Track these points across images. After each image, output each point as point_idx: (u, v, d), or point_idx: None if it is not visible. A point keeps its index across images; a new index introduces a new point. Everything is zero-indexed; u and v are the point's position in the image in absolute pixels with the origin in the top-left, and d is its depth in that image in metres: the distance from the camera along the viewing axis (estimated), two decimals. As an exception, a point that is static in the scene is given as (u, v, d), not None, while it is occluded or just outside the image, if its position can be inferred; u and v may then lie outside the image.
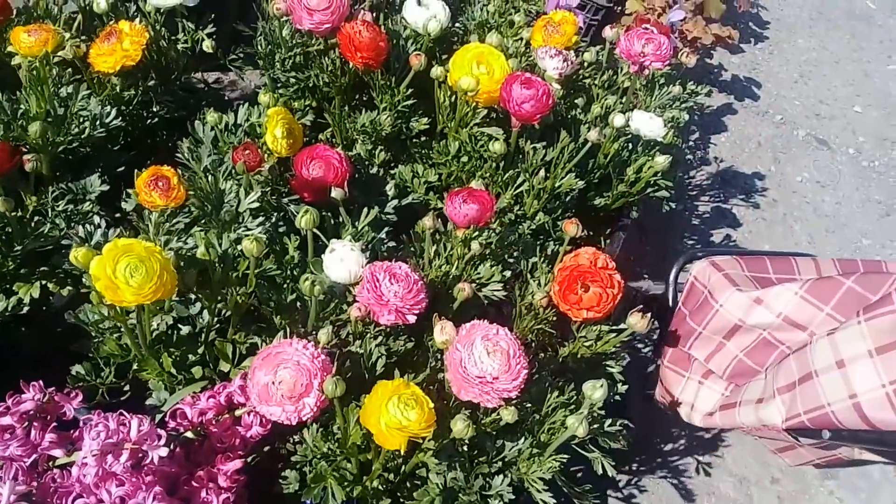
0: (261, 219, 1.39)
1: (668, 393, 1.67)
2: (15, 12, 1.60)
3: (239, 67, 1.86)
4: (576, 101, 1.90)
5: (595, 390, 1.22)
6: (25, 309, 1.41)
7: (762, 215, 2.63)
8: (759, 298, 1.45)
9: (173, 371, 1.35)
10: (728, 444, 1.97)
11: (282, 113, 1.51)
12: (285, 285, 1.37)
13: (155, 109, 1.76)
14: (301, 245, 1.41)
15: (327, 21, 1.61)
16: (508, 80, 1.62)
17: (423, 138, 1.82)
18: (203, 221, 1.36)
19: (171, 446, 1.26)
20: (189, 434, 1.27)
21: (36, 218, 1.44)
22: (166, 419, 1.29)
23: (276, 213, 1.47)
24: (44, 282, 1.42)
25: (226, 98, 2.13)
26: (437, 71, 1.64)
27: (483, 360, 1.16)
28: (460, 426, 1.15)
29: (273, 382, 1.15)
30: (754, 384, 1.46)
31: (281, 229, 1.45)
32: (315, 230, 1.37)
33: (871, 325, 1.23)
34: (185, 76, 1.87)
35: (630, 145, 1.88)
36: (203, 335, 1.39)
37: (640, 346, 2.13)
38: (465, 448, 1.26)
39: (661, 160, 1.77)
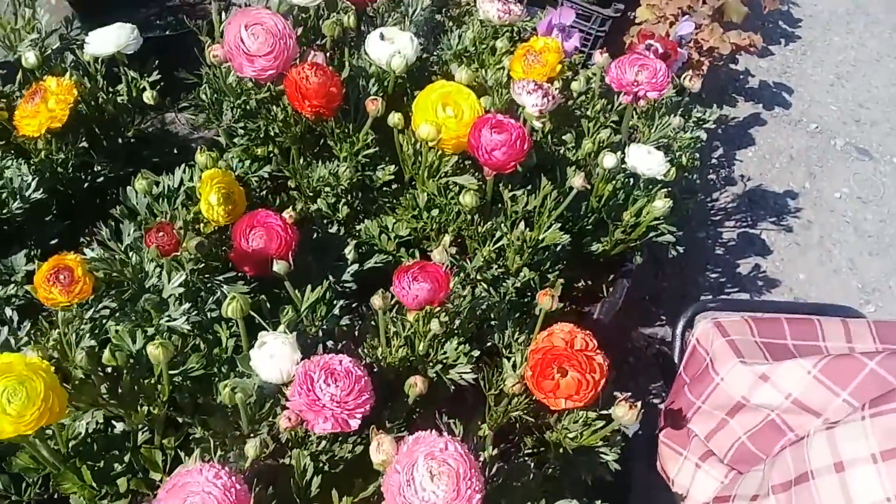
0: (186, 306, 1.21)
1: (664, 471, 1.45)
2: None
3: (193, 115, 1.69)
4: (564, 137, 1.68)
5: (565, 513, 1.01)
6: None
7: (795, 239, 2.38)
8: (765, 374, 1.23)
9: (95, 485, 1.18)
10: None
11: (217, 176, 1.33)
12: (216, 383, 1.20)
13: (97, 169, 1.61)
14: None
15: (270, 67, 1.43)
16: (477, 125, 1.41)
17: (394, 186, 1.64)
18: (119, 313, 1.19)
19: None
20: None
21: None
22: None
23: (210, 296, 1.29)
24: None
25: (192, 146, 1.96)
26: (393, 118, 1.44)
27: (426, 486, 0.97)
28: (399, 568, 0.96)
29: (179, 519, 0.98)
30: (751, 476, 1.24)
31: (215, 314, 1.27)
32: (253, 313, 1.21)
33: (876, 422, 1.01)
34: (137, 128, 1.71)
35: (630, 183, 1.67)
36: (130, 440, 1.22)
37: (655, 400, 1.91)
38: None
39: (660, 205, 1.55)
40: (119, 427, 1.25)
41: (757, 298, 1.91)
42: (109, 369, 1.18)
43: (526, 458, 1.36)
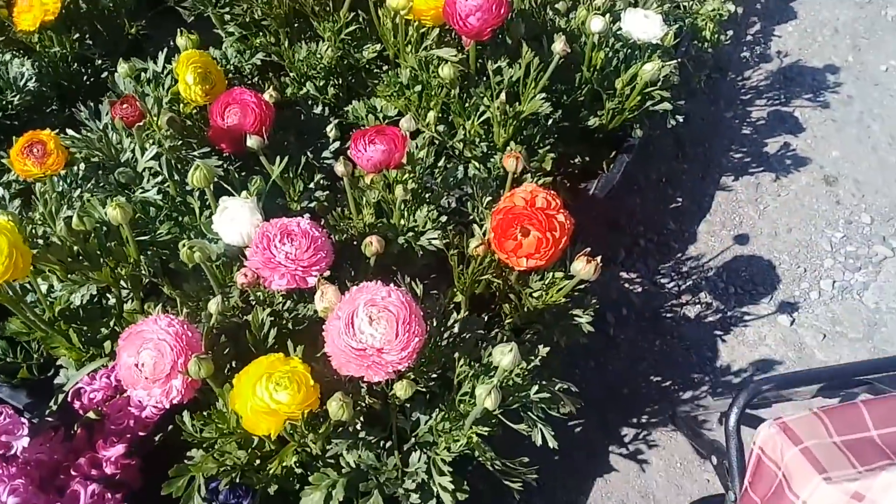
0: (159, 178, 1.26)
1: None
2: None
3: (186, 8, 1.72)
4: (556, 5, 1.63)
5: (503, 356, 1.02)
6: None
7: (832, 116, 2.25)
8: (858, 493, 1.01)
9: (82, 347, 1.27)
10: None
11: (194, 57, 1.37)
12: (188, 250, 1.25)
13: (98, 63, 1.66)
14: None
15: (245, -54, 1.44)
16: (451, -9, 1.39)
17: (384, 68, 1.63)
18: (92, 185, 1.25)
19: (76, 429, 1.21)
20: (91, 415, 1.21)
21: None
22: (69, 399, 1.23)
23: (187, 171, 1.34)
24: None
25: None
26: (366, -10, 1.43)
27: (364, 330, 1.01)
28: (334, 407, 1.00)
29: (137, 364, 1.05)
30: None
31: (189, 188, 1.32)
32: (225, 184, 1.25)
33: None
34: (137, 23, 1.76)
35: (629, 53, 1.61)
36: (116, 307, 1.30)
37: (663, 280, 1.88)
38: (359, 426, 1.12)
39: (650, 68, 1.49)
40: (112, 301, 1.33)
41: (814, 368, 1.56)
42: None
43: (504, 327, 1.38)
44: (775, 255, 1.92)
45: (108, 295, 1.34)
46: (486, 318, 1.37)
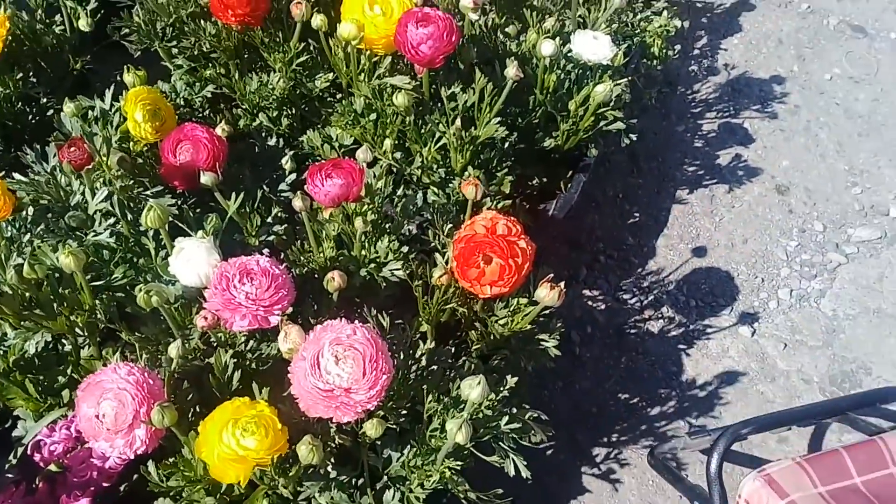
0: (111, 220, 1.23)
1: None
2: None
3: (132, 42, 1.69)
4: (507, 29, 1.64)
5: (472, 389, 1.02)
6: None
7: (780, 126, 2.29)
8: None
9: (39, 397, 1.23)
10: (726, 402, 1.73)
11: (142, 94, 1.34)
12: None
13: (43, 102, 1.62)
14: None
15: (190, -20, 1.42)
16: (402, 20, 1.38)
17: (338, 96, 1.62)
18: (42, 230, 1.21)
19: (37, 483, 1.17)
20: (53, 467, 1.17)
21: None
22: (28, 452, 1.19)
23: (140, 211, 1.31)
24: None
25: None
26: (316, 20, 1.42)
27: (331, 370, 0.99)
28: (304, 451, 0.98)
29: (97, 416, 1.01)
30: None
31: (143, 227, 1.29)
32: (180, 223, 1.23)
33: None
34: (83, 59, 1.72)
35: (581, 74, 1.62)
36: (73, 354, 1.27)
37: (625, 296, 1.90)
38: (329, 467, 1.10)
39: (602, 89, 1.50)
40: (68, 346, 1.29)
41: (787, 408, 1.50)
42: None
43: (472, 354, 1.37)
44: (733, 267, 1.95)
45: (63, 341, 1.30)
46: (452, 346, 1.37)
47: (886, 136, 2.28)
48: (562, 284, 1.18)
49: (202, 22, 1.53)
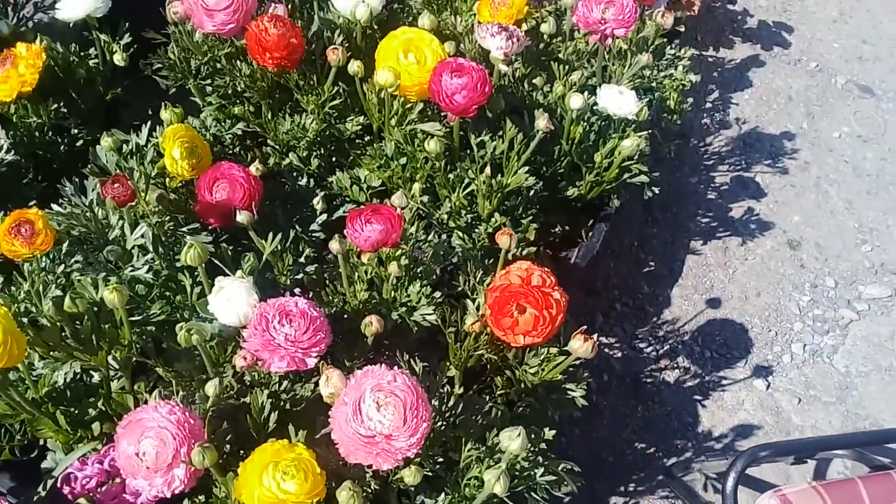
0: (149, 256, 1.24)
1: None
2: None
3: (164, 77, 1.71)
4: (535, 80, 1.67)
5: (511, 441, 1.03)
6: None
7: (791, 181, 2.34)
8: None
9: (69, 429, 1.23)
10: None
11: (180, 131, 1.35)
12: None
13: (75, 132, 1.64)
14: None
15: (231, 21, 1.44)
16: (437, 70, 1.42)
17: (366, 139, 1.64)
18: (81, 265, 1.22)
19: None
20: (83, 501, 1.16)
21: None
22: (58, 485, 1.18)
23: (176, 248, 1.32)
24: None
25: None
26: (353, 67, 1.44)
27: (372, 416, 0.99)
28: (344, 497, 0.98)
29: (137, 454, 1.01)
30: None
31: (179, 264, 1.30)
32: (216, 261, 1.23)
33: None
34: (114, 91, 1.74)
35: (605, 125, 1.65)
36: (104, 388, 1.26)
37: (641, 345, 1.91)
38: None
39: (629, 144, 1.54)
40: (96, 377, 1.29)
41: (811, 437, 1.60)
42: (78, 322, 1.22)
43: (497, 399, 1.38)
44: (747, 319, 1.97)
45: (91, 372, 1.30)
46: (476, 391, 1.38)
47: (895, 196, 2.32)
48: (595, 337, 1.19)
49: (237, 62, 1.56)
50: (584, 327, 1.21)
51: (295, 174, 1.56)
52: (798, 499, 1.14)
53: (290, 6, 1.54)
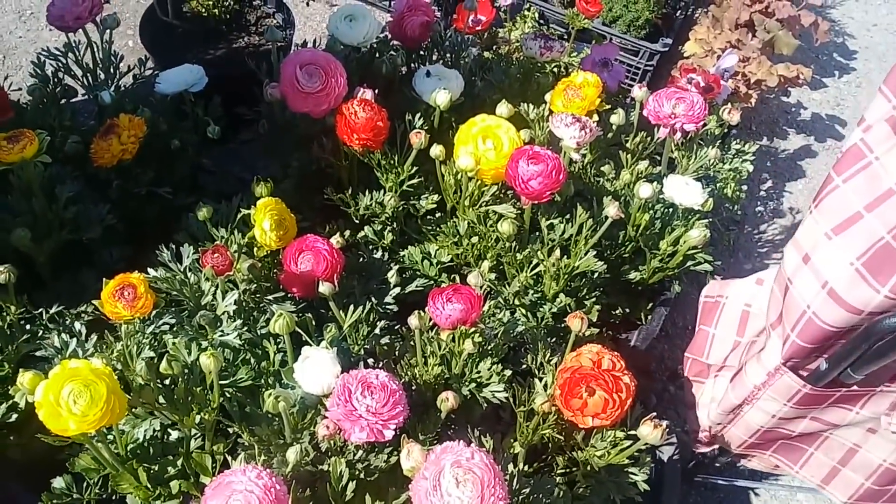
0: (238, 322, 1.31)
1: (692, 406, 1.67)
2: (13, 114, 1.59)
3: (253, 149, 1.81)
4: (603, 168, 1.74)
5: (584, 525, 1.06)
6: (14, 416, 1.38)
7: (845, 272, 2.35)
8: (759, 279, 1.46)
9: (149, 486, 1.28)
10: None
11: (271, 204, 1.44)
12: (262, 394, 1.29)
13: (167, 198, 1.73)
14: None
15: (323, 103, 1.54)
16: (514, 156, 1.49)
17: (437, 215, 1.72)
18: (176, 327, 1.29)
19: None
20: (162, 557, 1.21)
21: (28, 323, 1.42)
22: (137, 541, 1.23)
23: (261, 315, 1.39)
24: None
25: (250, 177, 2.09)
26: (435, 150, 1.53)
27: (451, 492, 1.03)
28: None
29: (223, 515, 1.06)
30: (759, 341, 1.43)
31: (264, 330, 1.37)
32: (299, 329, 1.30)
33: (819, 208, 1.15)
34: (202, 161, 1.84)
35: (668, 213, 1.71)
36: (184, 446, 1.32)
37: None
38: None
39: (696, 234, 1.59)
40: (174, 435, 1.35)
41: None
42: (168, 381, 1.28)
43: (557, 478, 1.41)
44: (801, 409, 1.97)
45: (169, 430, 1.36)
46: (538, 468, 1.41)
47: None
48: (664, 423, 1.23)
49: (323, 139, 1.65)
50: (654, 413, 1.24)
51: (371, 247, 1.63)
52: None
53: (376, 91, 1.63)
